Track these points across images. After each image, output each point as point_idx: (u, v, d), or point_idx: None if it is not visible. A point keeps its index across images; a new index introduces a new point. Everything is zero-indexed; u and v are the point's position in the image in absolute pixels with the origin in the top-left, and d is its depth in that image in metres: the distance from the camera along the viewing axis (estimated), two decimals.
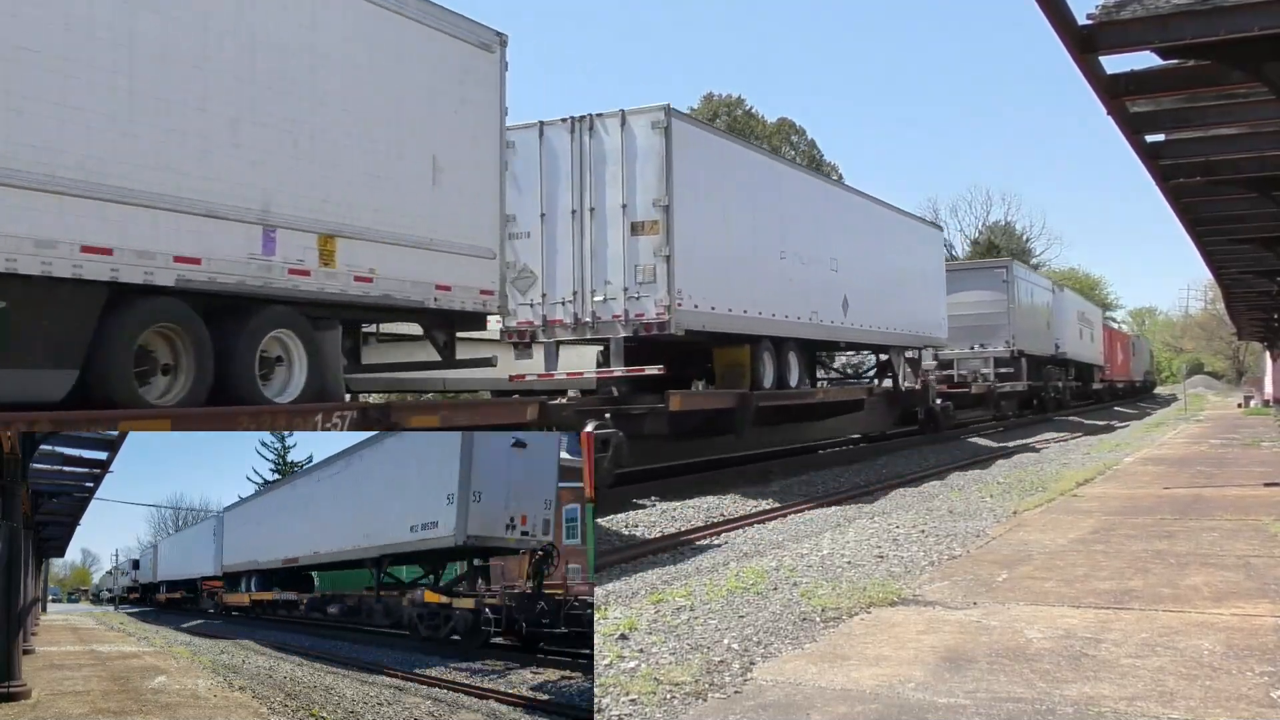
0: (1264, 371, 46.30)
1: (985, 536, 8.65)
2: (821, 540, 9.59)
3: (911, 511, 11.46)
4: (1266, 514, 9.28)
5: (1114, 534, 8.45)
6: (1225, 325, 58.09)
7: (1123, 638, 5.11)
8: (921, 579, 6.86)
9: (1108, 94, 9.33)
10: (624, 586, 8.44)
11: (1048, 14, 7.74)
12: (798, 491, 15.64)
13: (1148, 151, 11.53)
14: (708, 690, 4.52)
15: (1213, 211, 14.77)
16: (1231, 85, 9.23)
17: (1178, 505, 10.21)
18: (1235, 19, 7.75)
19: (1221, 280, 24.96)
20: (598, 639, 5.36)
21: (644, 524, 12.20)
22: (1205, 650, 4.85)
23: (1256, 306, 29.76)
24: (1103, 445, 22.48)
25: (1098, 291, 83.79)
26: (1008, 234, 76.00)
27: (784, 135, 63.37)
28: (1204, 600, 5.91)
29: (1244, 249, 17.76)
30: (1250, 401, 43.04)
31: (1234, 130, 11.06)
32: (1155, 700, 4.15)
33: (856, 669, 4.70)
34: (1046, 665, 4.66)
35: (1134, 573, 6.76)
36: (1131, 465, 15.34)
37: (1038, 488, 12.86)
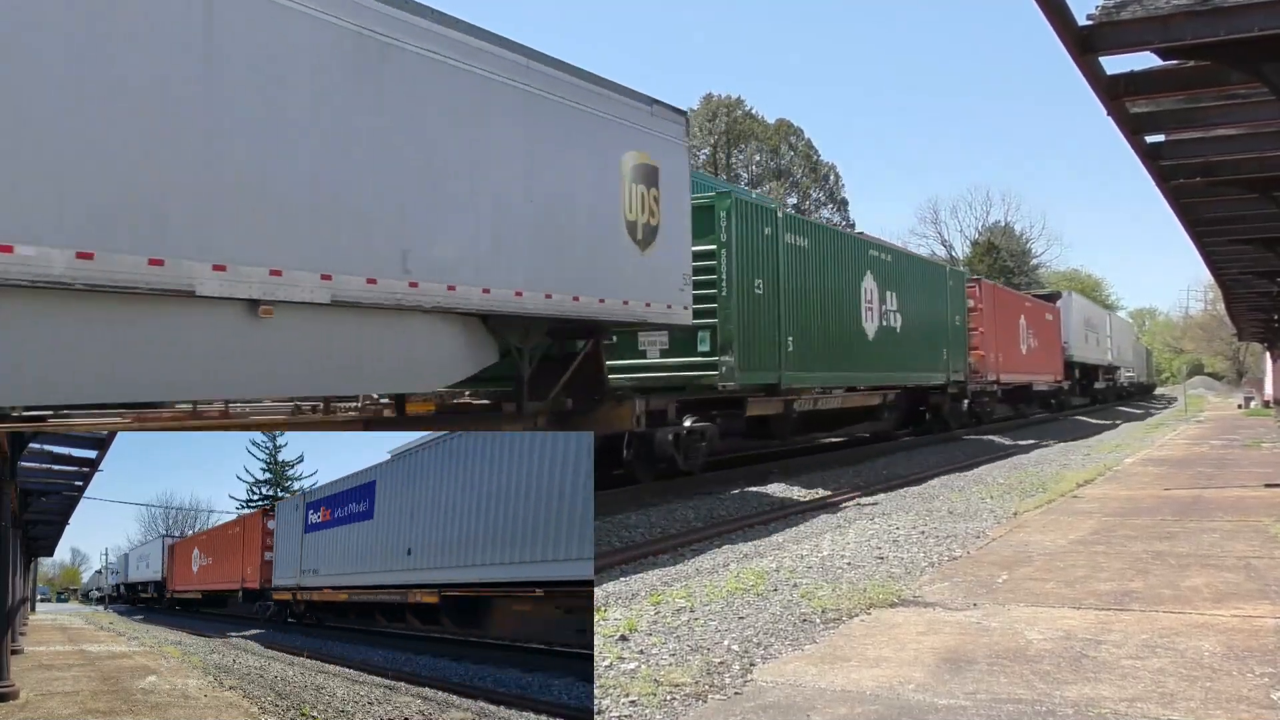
0: (1264, 372, 46.42)
1: (985, 537, 8.61)
2: (821, 541, 9.55)
3: (911, 512, 11.42)
4: (1267, 515, 9.24)
5: (1114, 535, 8.41)
6: (1225, 326, 58.16)
7: (1123, 639, 5.06)
8: (921, 580, 6.81)
9: (1108, 94, 9.30)
10: (624, 587, 8.39)
11: (1048, 14, 7.70)
12: (798, 492, 15.59)
13: (1148, 152, 11.50)
14: (708, 691, 4.48)
15: (1213, 212, 14.74)
16: (1231, 86, 9.20)
17: (1178, 506, 10.17)
18: (1235, 19, 7.72)
19: (1222, 281, 24.94)
20: (597, 640, 5.31)
21: (644, 525, 12.14)
22: (1206, 651, 4.81)
23: (1257, 307, 29.75)
24: (1103, 446, 22.46)
25: (1099, 293, 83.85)
26: (1007, 235, 76.07)
27: (782, 135, 63.45)
28: (1204, 601, 5.87)
29: (1244, 249, 17.73)
30: (1250, 402, 43.17)
31: (1234, 131, 11.03)
32: (1155, 702, 4.10)
33: (856, 670, 4.66)
34: (1047, 666, 4.61)
35: (1134, 574, 6.72)
36: (1132, 466, 15.31)
37: (1038, 488, 12.84)
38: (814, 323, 17.15)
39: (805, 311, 16.79)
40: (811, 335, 17.01)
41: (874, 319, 19.91)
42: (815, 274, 17.36)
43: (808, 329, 16.83)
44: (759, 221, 15.52)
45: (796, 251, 16.65)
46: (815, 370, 17.21)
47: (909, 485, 16.31)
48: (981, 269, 60.23)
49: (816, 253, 17.45)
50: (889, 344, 20.57)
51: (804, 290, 16.86)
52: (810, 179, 63.86)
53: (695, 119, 62.26)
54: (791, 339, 16.20)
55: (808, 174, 63.92)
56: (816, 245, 17.57)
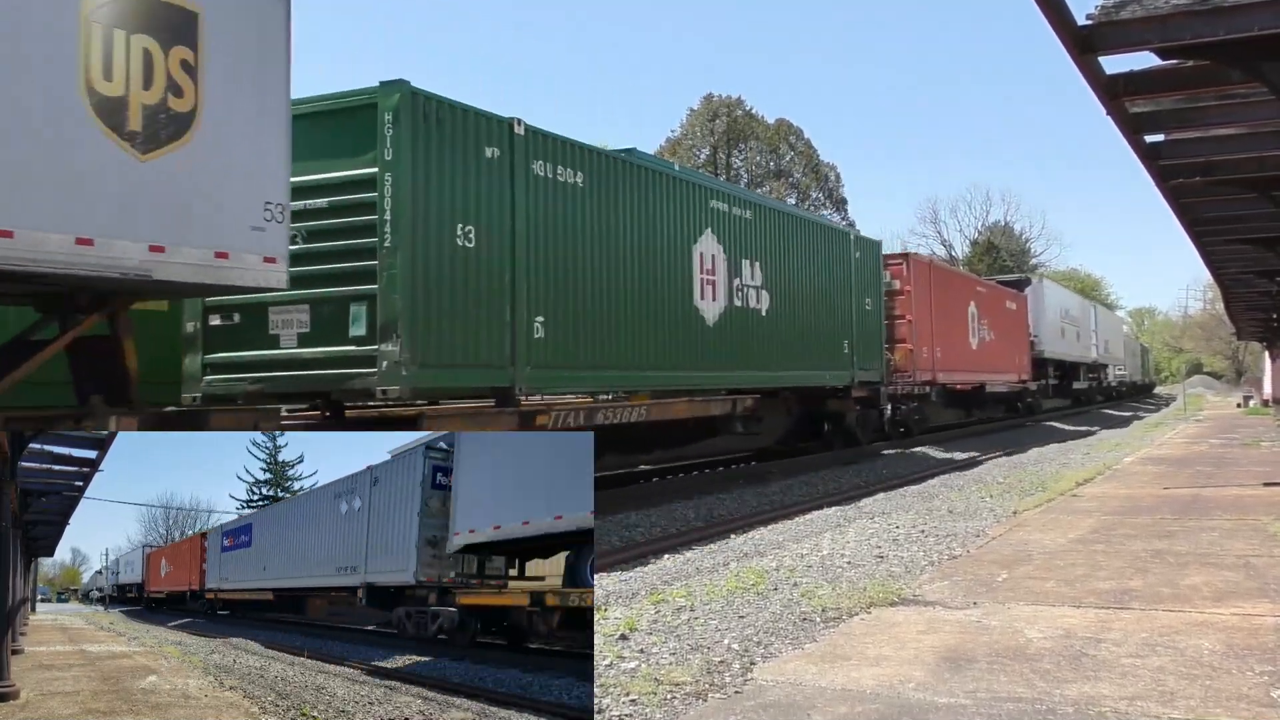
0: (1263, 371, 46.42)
1: (985, 536, 8.62)
2: (821, 540, 9.56)
3: (911, 511, 11.43)
4: (1266, 513, 9.25)
5: (1114, 534, 8.41)
6: (1225, 325, 58.18)
7: (1123, 637, 5.07)
8: (921, 579, 6.82)
9: (1107, 94, 9.30)
10: (624, 586, 8.40)
11: (1047, 14, 7.71)
12: (797, 491, 15.61)
13: (1147, 152, 11.51)
14: (708, 690, 4.48)
15: (1212, 211, 14.76)
16: (1231, 85, 9.21)
17: (1177, 505, 10.18)
18: (1235, 19, 7.73)
19: (1221, 280, 24.96)
20: (598, 639, 5.32)
21: (643, 525, 12.15)
22: (1205, 650, 4.82)
23: (1256, 306, 29.77)
24: (1103, 445, 22.46)
25: (1099, 292, 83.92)
26: (1007, 234, 76.09)
27: (782, 136, 63.45)
28: (1204, 600, 5.88)
29: (1243, 249, 17.76)
30: (1249, 401, 43.17)
31: (1234, 130, 11.05)
32: (1155, 700, 4.10)
33: (857, 669, 4.66)
34: (1047, 665, 4.62)
35: (1134, 572, 6.72)
36: (1131, 465, 15.32)
37: (1037, 487, 12.84)
38: (590, 297, 11.72)
39: (572, 280, 11.42)
40: (584, 315, 11.62)
41: (717, 296, 14.37)
42: (596, 226, 11.90)
43: (577, 306, 11.50)
44: (471, 136, 10.05)
45: (557, 190, 11.24)
46: (591, 368, 11.81)
47: (909, 485, 16.32)
48: (981, 268, 60.13)
49: (601, 195, 12.01)
50: (743, 332, 15.09)
51: (570, 248, 11.43)
52: (810, 179, 63.84)
53: (695, 119, 62.32)
54: (541, 320, 10.84)
55: (808, 174, 63.91)
56: (601, 184, 12.03)
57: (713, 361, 14.28)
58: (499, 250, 10.36)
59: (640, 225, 12.84)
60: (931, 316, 23.64)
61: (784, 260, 16.55)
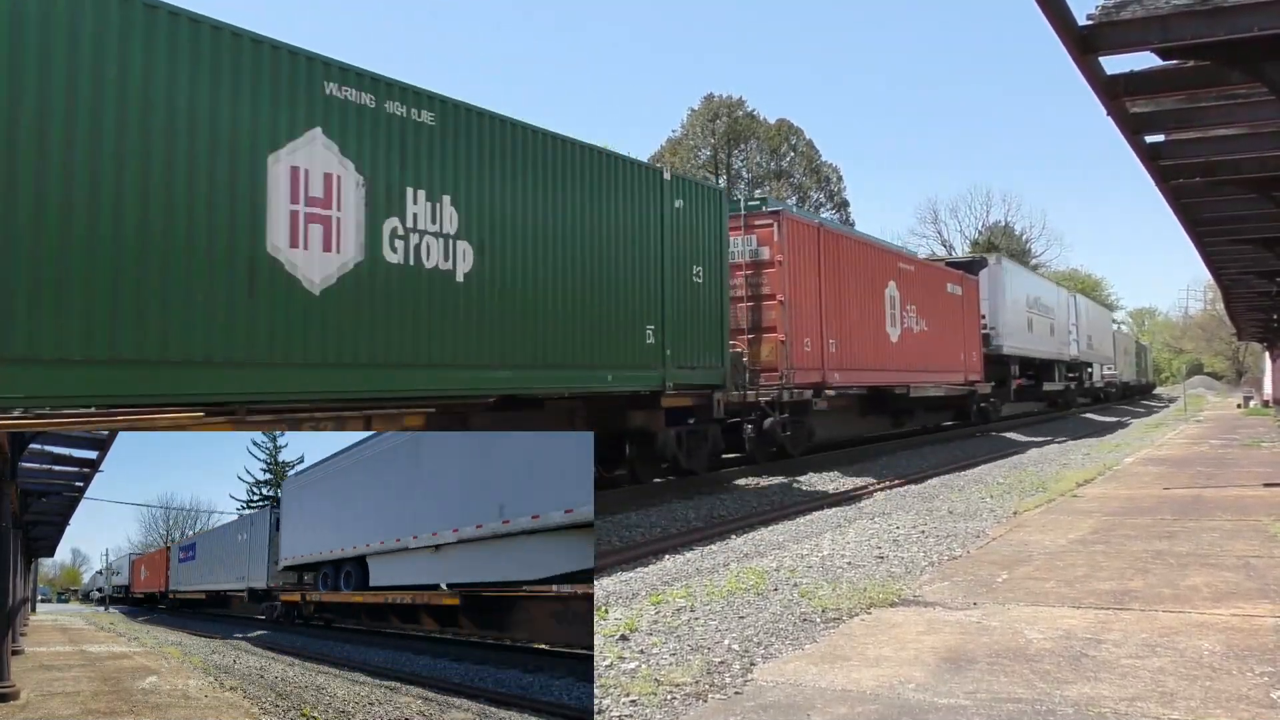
0: (1264, 372, 46.39)
1: (985, 537, 8.61)
2: (821, 541, 9.56)
3: (911, 512, 11.43)
4: (1266, 514, 9.25)
5: (1114, 534, 8.41)
6: (1225, 326, 58.12)
7: (1123, 638, 5.07)
8: (922, 579, 6.82)
9: (1107, 94, 9.30)
10: (624, 587, 8.40)
11: (1047, 14, 7.71)
12: (797, 491, 15.60)
13: (1148, 152, 11.50)
14: (708, 691, 4.48)
15: (1213, 212, 14.76)
16: (1231, 85, 9.20)
17: (1178, 505, 10.17)
18: (1235, 19, 7.73)
19: (1221, 281, 24.94)
20: (598, 640, 5.32)
21: (643, 525, 12.15)
22: (1205, 651, 4.81)
23: (1256, 307, 29.75)
24: (1103, 446, 22.45)
25: (1099, 292, 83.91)
26: (1007, 235, 76.10)
27: (783, 136, 63.43)
28: (1204, 600, 5.87)
29: (1244, 249, 17.75)
30: (1250, 402, 43.18)
31: (1234, 131, 11.04)
32: (1155, 701, 4.10)
33: (857, 669, 4.66)
34: (1047, 666, 4.62)
35: (1134, 573, 6.72)
36: (1131, 466, 15.31)
37: (1038, 488, 12.84)
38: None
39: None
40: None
41: (340, 245, 8.85)
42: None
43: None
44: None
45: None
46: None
47: (910, 484, 16.32)
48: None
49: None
50: (401, 306, 9.47)
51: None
52: (811, 180, 63.80)
53: (695, 119, 62.31)
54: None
55: (808, 174, 63.87)
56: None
57: (321, 352, 8.68)
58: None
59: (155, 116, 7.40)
60: (821, 298, 18.32)
61: (508, 198, 10.81)
